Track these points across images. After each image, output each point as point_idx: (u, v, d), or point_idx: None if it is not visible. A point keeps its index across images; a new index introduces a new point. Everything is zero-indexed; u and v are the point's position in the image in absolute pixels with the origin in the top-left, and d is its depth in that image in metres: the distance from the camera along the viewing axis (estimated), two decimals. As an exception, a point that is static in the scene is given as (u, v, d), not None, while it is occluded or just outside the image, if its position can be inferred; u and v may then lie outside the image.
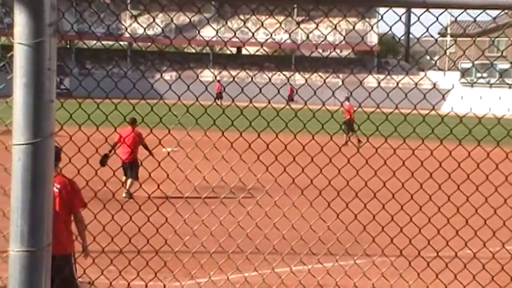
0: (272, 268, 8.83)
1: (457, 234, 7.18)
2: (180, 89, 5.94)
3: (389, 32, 5.84)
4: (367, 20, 79.84)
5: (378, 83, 5.84)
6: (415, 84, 5.99)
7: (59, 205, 9.09)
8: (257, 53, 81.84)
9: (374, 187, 6.77)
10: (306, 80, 6.20)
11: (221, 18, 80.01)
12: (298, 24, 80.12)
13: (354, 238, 7.91)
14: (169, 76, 72.30)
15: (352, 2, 3.21)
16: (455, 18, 5.32)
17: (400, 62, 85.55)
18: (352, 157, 6.67)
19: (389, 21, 5.62)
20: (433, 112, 6.51)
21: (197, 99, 5.62)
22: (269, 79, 6.21)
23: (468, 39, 68.23)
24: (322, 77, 6.08)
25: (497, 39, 74.78)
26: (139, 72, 71.96)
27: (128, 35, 76.98)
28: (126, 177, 19.16)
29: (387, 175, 6.73)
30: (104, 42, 66.54)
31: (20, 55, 3.01)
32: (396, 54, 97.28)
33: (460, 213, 6.96)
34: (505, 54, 69.22)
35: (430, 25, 5.49)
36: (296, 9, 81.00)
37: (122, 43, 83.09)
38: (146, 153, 16.39)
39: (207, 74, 74.62)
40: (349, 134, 31.76)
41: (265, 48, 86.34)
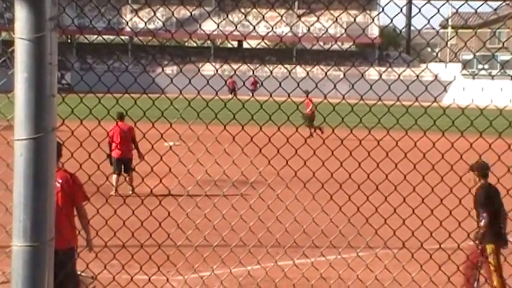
0: (275, 261, 8.83)
1: (460, 226, 7.18)
2: (182, 83, 5.94)
3: (390, 24, 5.84)
4: (368, 13, 79.74)
5: (380, 76, 5.84)
6: (417, 76, 5.98)
7: (61, 200, 9.14)
8: (258, 47, 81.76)
9: (376, 179, 6.77)
10: (308, 73, 6.19)
11: (222, 11, 79.98)
12: (299, 17, 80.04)
13: (357, 231, 7.91)
14: (170, 70, 72.30)
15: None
16: (456, 9, 5.32)
17: (402, 54, 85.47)
18: (354, 150, 6.67)
19: (390, 13, 5.62)
20: (435, 104, 6.50)
21: (198, 92, 5.62)
22: (270, 72, 6.20)
23: (469, 30, 68.18)
24: (323, 70, 6.08)
25: (498, 30, 74.69)
26: (140, 66, 71.93)
27: (129, 29, 76.94)
28: (118, 174, 18.65)
29: (389, 167, 6.72)
30: (105, 36, 66.46)
31: (21, 50, 3.00)
32: (397, 46, 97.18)
33: (462, 204, 6.96)
34: (507, 45, 69.12)
35: (431, 17, 5.48)
36: (297, 2, 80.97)
37: (123, 37, 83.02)
38: (146, 148, 16.32)
39: (209, 68, 74.56)
40: (312, 127, 30.30)
41: (266, 41, 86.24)
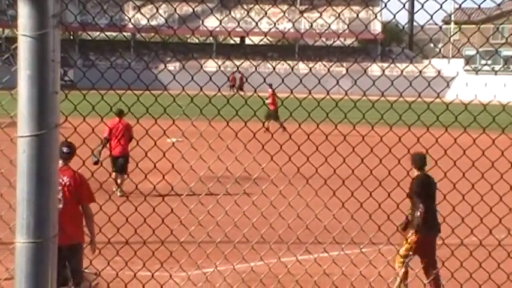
0: (278, 257, 8.83)
1: (463, 221, 7.17)
2: (184, 80, 5.94)
3: (393, 20, 5.83)
4: (370, 8, 79.64)
5: (383, 71, 5.83)
6: (419, 72, 5.98)
7: (67, 197, 9.21)
8: (260, 43, 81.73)
9: (379, 175, 6.77)
10: (310, 69, 6.19)
11: (224, 8, 79.95)
12: (301, 13, 79.97)
13: (360, 227, 7.91)
14: (172, 67, 72.30)
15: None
16: (459, 5, 5.30)
17: (404, 50, 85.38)
18: (356, 146, 6.67)
19: (393, 9, 5.62)
20: (438, 100, 6.49)
21: (201, 89, 5.62)
22: (273, 68, 6.20)
23: (472, 26, 68.07)
24: (326, 66, 6.07)
25: (501, 26, 74.58)
26: (143, 63, 71.94)
27: (131, 26, 76.93)
28: (116, 172, 18.24)
29: (392, 163, 6.72)
30: (108, 33, 66.44)
31: (24, 47, 3.00)
32: (400, 42, 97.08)
33: (466, 200, 6.96)
34: (510, 40, 69.03)
35: (434, 12, 5.48)
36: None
37: (126, 34, 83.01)
38: (149, 144, 16.18)
39: (211, 64, 74.54)
40: (268, 122, 28.61)
41: (268, 37, 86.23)
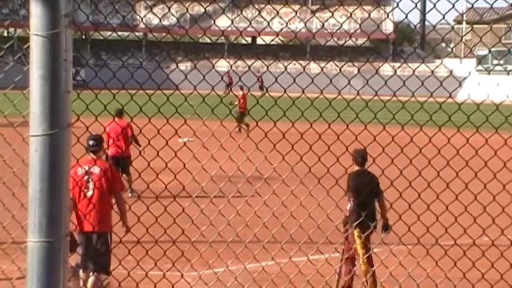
0: (289, 257, 8.83)
1: (475, 221, 7.15)
2: (196, 79, 5.93)
3: (404, 20, 5.82)
4: (382, 8, 79.49)
5: (394, 71, 5.82)
6: (431, 71, 5.96)
7: (100, 186, 9.82)
8: (272, 43, 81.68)
9: (391, 175, 6.75)
10: (322, 69, 6.18)
11: (236, 7, 79.96)
12: (313, 13, 79.89)
13: (371, 227, 7.89)
14: (184, 66, 72.39)
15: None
16: (471, 4, 5.28)
17: (416, 50, 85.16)
18: (368, 146, 6.65)
19: (404, 8, 5.61)
20: (450, 100, 6.47)
21: (213, 88, 5.62)
22: (285, 68, 6.19)
23: (485, 26, 67.79)
24: (337, 66, 6.06)
25: (514, 25, 74.13)
26: (154, 62, 72.01)
27: (143, 26, 77.03)
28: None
29: (404, 163, 6.71)
30: (119, 33, 66.57)
31: (36, 46, 3.01)
32: (412, 42, 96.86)
33: (478, 200, 6.93)
34: (522, 40, 68.70)
35: (446, 12, 5.46)
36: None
37: (137, 34, 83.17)
38: (161, 144, 16.17)
39: (223, 64, 74.58)
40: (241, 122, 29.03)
41: (280, 37, 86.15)
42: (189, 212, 7.35)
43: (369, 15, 7.35)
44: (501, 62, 73.26)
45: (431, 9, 5.52)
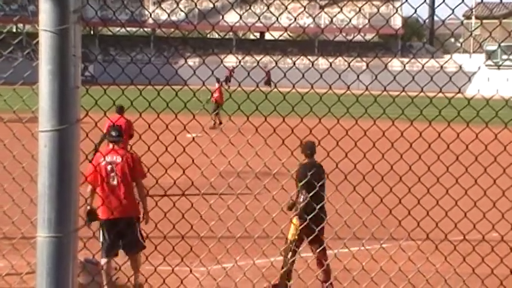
0: (298, 253, 8.82)
1: (484, 217, 7.13)
2: (204, 75, 5.93)
3: (413, 15, 5.80)
4: (391, 3, 79.27)
5: (404, 66, 5.81)
6: (441, 66, 5.94)
7: (123, 174, 10.23)
8: (280, 38, 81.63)
9: (400, 171, 6.74)
10: (331, 64, 6.18)
11: (244, 3, 79.91)
12: (322, 8, 79.81)
13: (380, 222, 7.88)
14: (192, 62, 72.40)
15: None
16: (481, -1, 5.25)
17: (425, 45, 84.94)
18: (377, 141, 6.64)
19: (413, 3, 5.58)
20: (459, 95, 6.45)
21: (221, 84, 5.62)
22: (293, 63, 6.19)
23: (494, 21, 67.60)
24: (346, 61, 6.05)
25: (523, 20, 73.96)
26: (162, 58, 72.04)
27: (152, 22, 77.09)
28: None
29: (413, 158, 6.69)
30: (128, 28, 66.60)
31: (45, 42, 3.01)
32: (421, 37, 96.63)
33: (487, 195, 6.91)
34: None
35: (456, 7, 5.44)
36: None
37: (145, 29, 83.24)
38: (169, 139, 15.93)
39: (231, 60, 74.57)
40: (214, 115, 28.26)
41: (288, 33, 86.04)
42: (198, 208, 7.36)
43: (378, 10, 7.35)
44: (511, 57, 73.04)
45: (440, 4, 5.51)
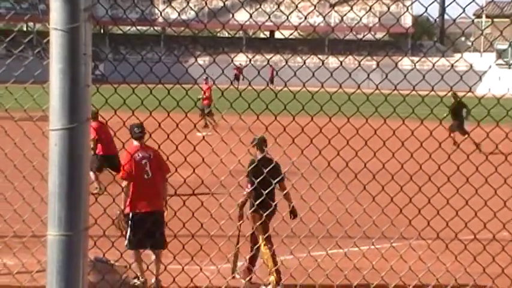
0: (308, 251, 8.81)
1: (495, 216, 7.11)
2: (214, 73, 5.93)
3: (423, 14, 5.78)
4: (401, 1, 79.06)
5: (414, 65, 5.80)
6: (451, 65, 5.92)
7: (155, 169, 10.51)
8: (290, 37, 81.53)
9: (410, 170, 6.72)
10: (341, 63, 6.16)
11: (254, 1, 79.86)
12: (332, 6, 79.67)
13: (390, 221, 7.86)
14: (202, 61, 72.40)
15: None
16: (492, -2, 5.23)
17: (435, 44, 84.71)
18: (387, 140, 6.63)
19: (424, 2, 5.57)
20: (470, 94, 6.43)
21: (231, 83, 5.62)
22: (304, 62, 6.18)
23: (505, 19, 67.38)
24: (356, 60, 6.04)
25: (534, 19, 73.62)
26: (172, 57, 72.07)
27: (161, 20, 77.14)
28: (101, 172, 17.21)
29: (423, 157, 6.67)
30: (138, 27, 66.70)
31: (56, 41, 3.01)
32: (431, 36, 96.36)
33: (498, 195, 6.89)
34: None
35: (466, 5, 5.43)
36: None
37: (155, 28, 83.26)
38: (179, 138, 15.79)
39: (241, 59, 74.54)
40: (206, 116, 27.53)
41: (298, 31, 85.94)
42: (208, 206, 7.36)
43: (388, 8, 7.33)
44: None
45: (451, 2, 5.49)
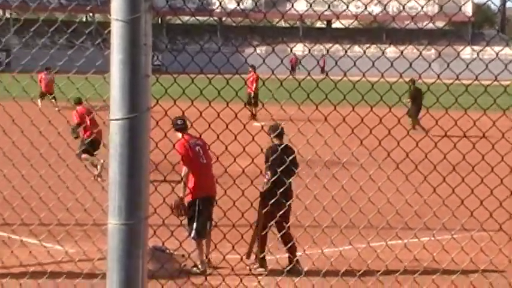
0: (367, 242, 8.74)
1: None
2: (272, 64, 5.89)
3: (485, 1, 5.67)
4: (462, -10, 77.88)
5: (477, 54, 5.68)
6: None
7: (207, 156, 11.18)
8: (349, 26, 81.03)
9: (472, 161, 6.60)
10: (402, 53, 6.07)
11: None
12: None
13: (451, 212, 7.75)
14: (259, 50, 72.42)
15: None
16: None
17: (499, 33, 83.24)
18: (448, 130, 6.53)
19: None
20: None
21: (291, 73, 5.59)
22: (363, 52, 6.12)
23: None
24: (418, 49, 5.94)
25: None
26: (229, 47, 72.27)
27: (219, 10, 77.37)
28: (94, 154, 17.51)
29: (486, 148, 6.55)
30: (193, 17, 66.96)
31: (117, 31, 3.03)
32: (492, 24, 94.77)
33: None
34: None
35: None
36: (389, -20, 79.75)
37: (213, 18, 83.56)
38: (238, 128, 15.93)
39: (298, 48, 74.34)
40: (251, 107, 27.06)
41: (357, 21, 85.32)
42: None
43: (450, -4, 7.22)
44: None
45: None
